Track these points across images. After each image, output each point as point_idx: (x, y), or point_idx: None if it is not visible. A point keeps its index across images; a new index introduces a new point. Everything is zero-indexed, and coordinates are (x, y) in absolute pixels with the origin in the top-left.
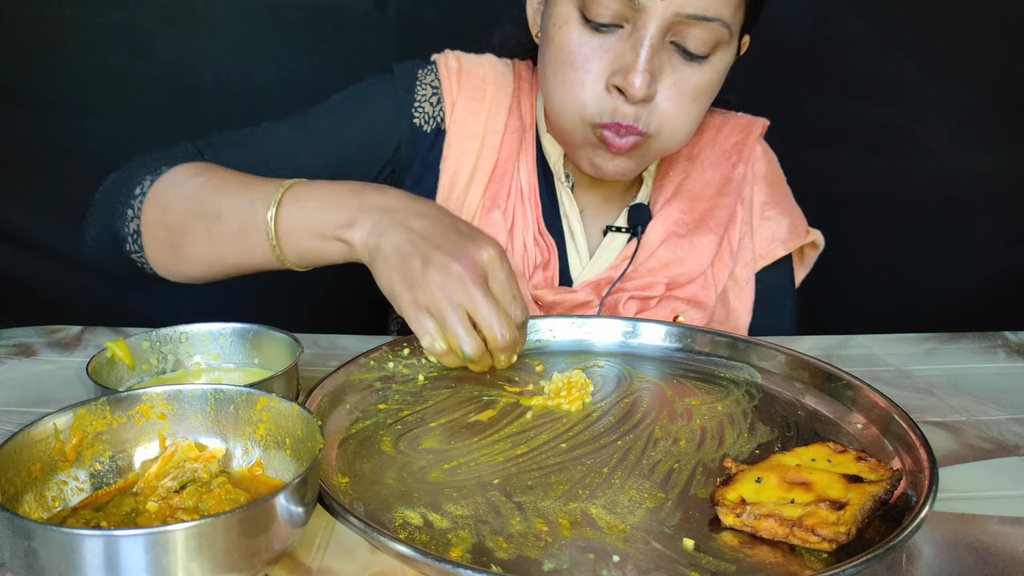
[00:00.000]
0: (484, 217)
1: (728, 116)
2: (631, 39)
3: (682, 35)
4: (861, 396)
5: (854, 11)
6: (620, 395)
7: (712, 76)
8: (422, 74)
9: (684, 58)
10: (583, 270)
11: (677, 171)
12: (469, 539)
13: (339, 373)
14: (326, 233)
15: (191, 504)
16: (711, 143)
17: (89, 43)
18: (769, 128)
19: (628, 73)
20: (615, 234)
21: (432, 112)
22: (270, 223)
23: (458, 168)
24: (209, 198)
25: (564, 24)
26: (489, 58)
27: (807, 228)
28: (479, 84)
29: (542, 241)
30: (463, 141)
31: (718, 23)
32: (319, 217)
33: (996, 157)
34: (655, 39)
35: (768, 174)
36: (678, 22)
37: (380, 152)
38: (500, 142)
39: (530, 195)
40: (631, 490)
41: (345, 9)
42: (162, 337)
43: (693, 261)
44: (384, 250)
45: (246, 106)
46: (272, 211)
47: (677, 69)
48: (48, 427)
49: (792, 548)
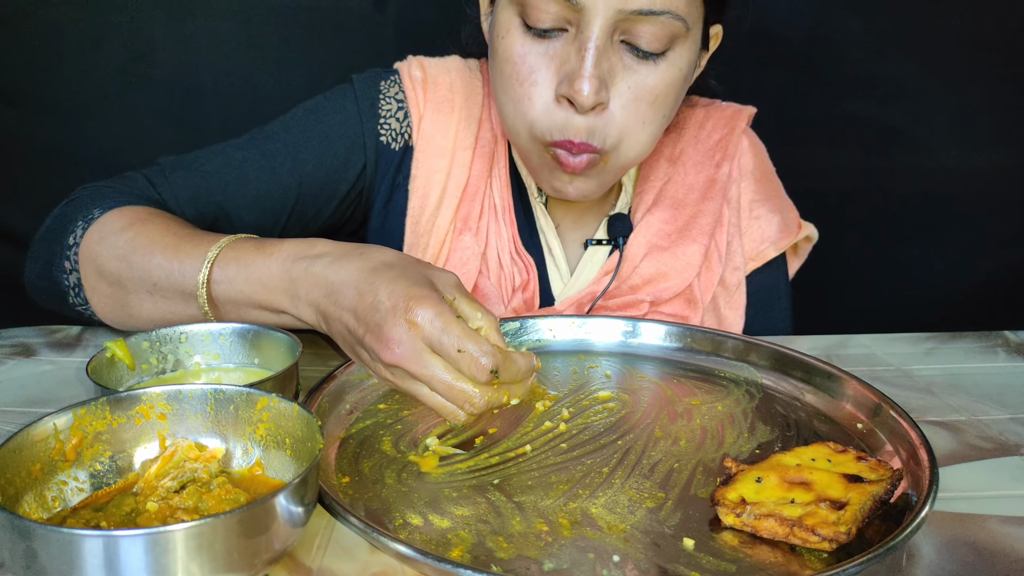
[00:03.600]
0: (455, 240)
1: (712, 108)
2: (576, 43)
3: (632, 33)
4: (861, 396)
5: (854, 10)
6: (620, 395)
7: (672, 74)
8: (385, 86)
9: (637, 57)
10: (564, 287)
11: (658, 175)
12: (469, 539)
13: (339, 373)
14: (267, 314)
15: (191, 504)
16: (693, 141)
17: (89, 45)
18: (768, 127)
19: (574, 80)
20: (596, 247)
21: (399, 128)
22: (203, 301)
23: (427, 189)
24: (139, 261)
25: (506, 33)
26: (455, 62)
27: (799, 222)
28: (446, 95)
29: (520, 260)
30: (431, 159)
31: (668, 16)
32: (253, 298)
33: (996, 156)
34: (601, 40)
35: (755, 169)
36: (624, 19)
37: (345, 173)
38: (471, 158)
39: (504, 212)
40: (631, 490)
41: (344, 10)
42: (162, 337)
43: (677, 275)
44: (333, 337)
45: (246, 107)
46: (202, 290)
47: (631, 70)
48: (48, 427)
49: (792, 548)
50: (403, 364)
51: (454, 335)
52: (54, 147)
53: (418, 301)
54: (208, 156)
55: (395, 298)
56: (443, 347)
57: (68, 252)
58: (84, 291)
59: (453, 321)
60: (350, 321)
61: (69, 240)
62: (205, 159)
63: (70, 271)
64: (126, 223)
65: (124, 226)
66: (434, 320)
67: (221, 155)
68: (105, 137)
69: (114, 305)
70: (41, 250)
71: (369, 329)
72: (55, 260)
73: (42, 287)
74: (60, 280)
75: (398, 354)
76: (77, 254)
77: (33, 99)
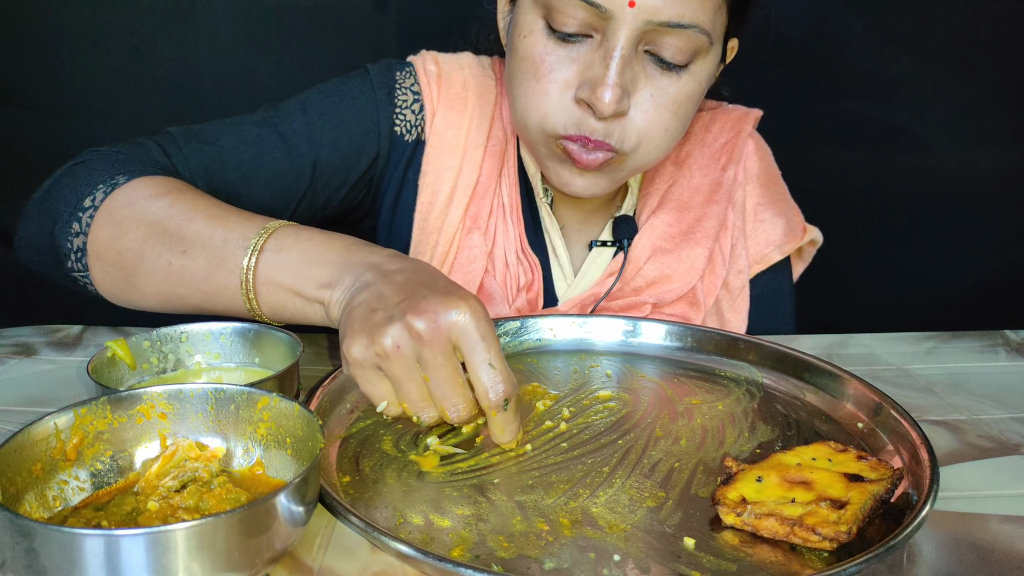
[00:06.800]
0: (464, 239)
1: (718, 111)
2: (600, 50)
3: (657, 44)
4: (862, 395)
5: (854, 9)
6: (620, 394)
7: (693, 86)
8: (401, 77)
9: (661, 68)
10: (568, 288)
11: (664, 178)
12: (470, 538)
13: (340, 372)
14: (306, 293)
15: (192, 504)
16: (700, 144)
17: (89, 45)
18: (769, 126)
19: (597, 87)
20: (600, 248)
21: (414, 121)
22: (246, 270)
23: (437, 186)
24: (174, 226)
25: (529, 34)
26: (467, 59)
27: (804, 226)
28: (460, 91)
29: (525, 260)
30: (443, 156)
31: (695, 30)
32: (301, 273)
33: (997, 155)
34: (626, 49)
35: (761, 173)
36: (651, 30)
37: (358, 159)
38: (482, 157)
39: (512, 211)
40: (632, 489)
41: (346, 9)
42: (163, 336)
43: (680, 277)
44: (351, 305)
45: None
46: (250, 258)
47: (654, 80)
48: (49, 427)
49: (793, 547)
50: (425, 337)
51: (493, 348)
52: (54, 147)
53: (476, 303)
54: (222, 130)
55: (453, 289)
56: (474, 351)
57: (80, 214)
58: (87, 257)
59: (495, 339)
60: (388, 291)
61: (85, 203)
62: (219, 133)
63: (77, 234)
64: (162, 191)
65: (159, 193)
66: (479, 324)
67: (236, 131)
68: (105, 137)
69: (117, 276)
70: (44, 207)
71: (408, 297)
72: (62, 219)
73: (36, 247)
74: (62, 242)
75: (428, 327)
76: (92, 217)
77: (33, 99)
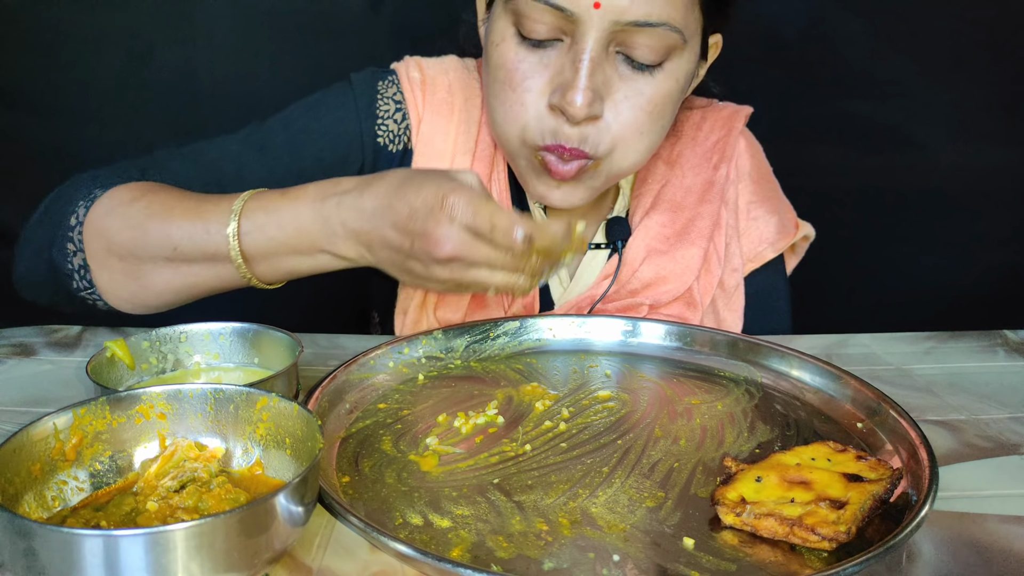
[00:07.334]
0: None
1: (709, 109)
2: (570, 54)
3: (627, 44)
4: (861, 395)
5: (850, 8)
6: (620, 394)
7: (669, 85)
8: (383, 86)
9: (634, 69)
10: (564, 291)
11: (656, 178)
12: (469, 538)
13: (339, 373)
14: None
15: (191, 504)
16: (691, 143)
17: (88, 48)
18: (764, 125)
19: (567, 91)
20: (595, 251)
21: (397, 131)
22: (235, 252)
23: None
24: (156, 226)
25: (501, 42)
26: (452, 62)
27: (797, 222)
28: (445, 97)
29: None
30: (431, 163)
31: (665, 28)
32: (287, 242)
33: (993, 154)
34: (595, 52)
35: (753, 170)
36: (620, 31)
37: (343, 171)
38: (470, 163)
39: None
40: (631, 489)
41: (341, 13)
42: (162, 336)
43: (676, 278)
44: (384, 265)
45: (244, 110)
46: (234, 242)
47: (628, 81)
48: (48, 427)
49: (792, 547)
50: (459, 254)
51: (485, 214)
52: (54, 148)
53: (447, 194)
54: (205, 148)
55: (428, 200)
56: (478, 228)
57: (71, 233)
58: (91, 272)
59: (482, 203)
60: (393, 237)
61: (71, 221)
62: (201, 151)
63: (74, 252)
64: (136, 195)
65: (134, 197)
66: (466, 207)
67: (218, 148)
68: (105, 138)
69: (127, 280)
70: (35, 237)
71: (415, 236)
72: (55, 243)
73: (36, 277)
74: (61, 265)
75: (450, 249)
76: (81, 233)
77: (33, 100)
